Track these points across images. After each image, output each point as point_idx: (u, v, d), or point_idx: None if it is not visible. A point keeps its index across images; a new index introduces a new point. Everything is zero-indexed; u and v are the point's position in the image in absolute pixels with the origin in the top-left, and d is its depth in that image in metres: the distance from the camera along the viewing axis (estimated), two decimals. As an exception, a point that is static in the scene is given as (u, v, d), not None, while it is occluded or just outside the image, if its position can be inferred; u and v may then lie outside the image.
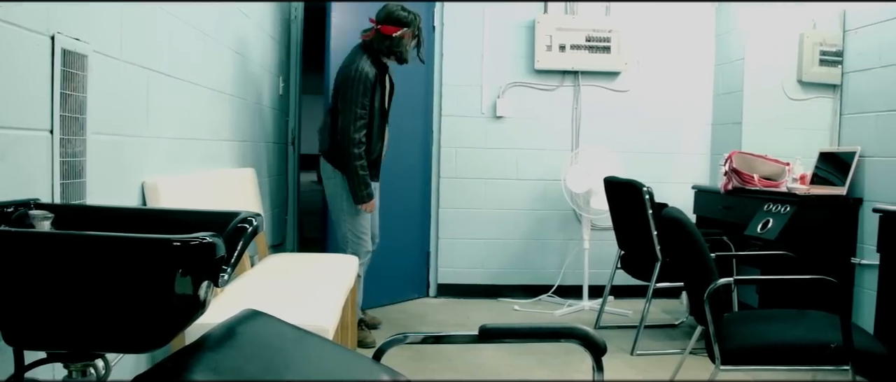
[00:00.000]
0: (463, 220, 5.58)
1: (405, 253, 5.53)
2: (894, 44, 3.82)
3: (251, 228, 1.60)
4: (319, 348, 1.67)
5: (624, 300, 5.34)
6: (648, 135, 5.70)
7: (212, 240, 1.33)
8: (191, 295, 1.39)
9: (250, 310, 1.66)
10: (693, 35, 5.74)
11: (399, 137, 5.47)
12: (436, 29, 5.48)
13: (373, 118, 4.09)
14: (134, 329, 1.38)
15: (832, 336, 2.56)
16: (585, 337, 1.59)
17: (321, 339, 1.73)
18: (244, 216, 1.64)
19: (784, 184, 4.40)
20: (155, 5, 2.69)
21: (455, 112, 5.52)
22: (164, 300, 1.34)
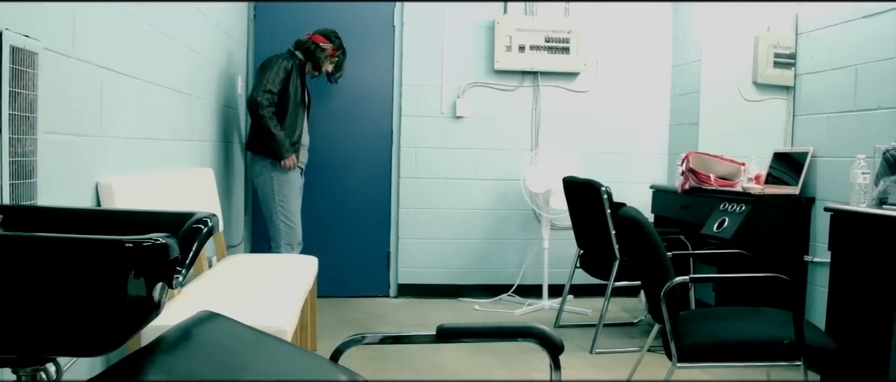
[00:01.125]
0: (423, 220, 5.58)
1: (365, 254, 5.53)
2: (844, 47, 3.90)
3: (206, 229, 1.58)
4: (276, 349, 1.65)
5: (583, 299, 5.39)
6: (607, 135, 5.75)
7: (165, 241, 1.31)
8: (144, 297, 1.37)
9: (206, 312, 1.65)
10: (651, 36, 5.80)
11: (359, 137, 5.48)
12: (396, 29, 5.47)
13: (288, 103, 4.43)
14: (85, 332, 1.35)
15: (785, 332, 2.60)
16: (542, 336, 1.60)
17: (278, 340, 1.71)
18: (199, 216, 1.62)
19: (740, 183, 4.47)
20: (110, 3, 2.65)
21: (415, 112, 5.51)
22: (116, 302, 1.32)
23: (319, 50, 4.59)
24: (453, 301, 5.52)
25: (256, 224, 5.37)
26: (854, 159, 3.38)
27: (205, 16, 4.06)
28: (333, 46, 4.64)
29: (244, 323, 1.67)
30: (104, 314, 1.32)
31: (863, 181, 3.29)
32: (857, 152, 3.43)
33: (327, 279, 4.59)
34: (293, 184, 4.54)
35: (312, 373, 1.57)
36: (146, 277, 1.34)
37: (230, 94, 4.76)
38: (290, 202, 4.51)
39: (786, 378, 3.46)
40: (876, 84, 3.65)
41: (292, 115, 4.46)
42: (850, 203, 3.32)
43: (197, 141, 3.93)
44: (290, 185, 4.51)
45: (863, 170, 3.30)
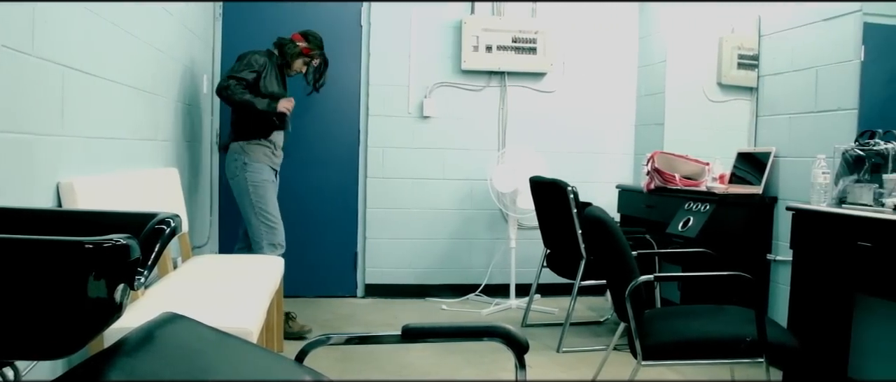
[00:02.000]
0: (390, 220, 5.57)
1: (332, 254, 5.51)
2: (805, 49, 3.96)
3: (169, 229, 1.57)
4: (241, 351, 1.64)
5: (550, 298, 5.41)
6: (574, 135, 5.79)
7: (126, 242, 1.29)
8: (105, 299, 1.35)
9: (170, 313, 1.63)
10: (617, 37, 5.84)
11: (326, 137, 5.45)
12: (363, 28, 5.45)
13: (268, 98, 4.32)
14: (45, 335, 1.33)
15: (748, 330, 2.63)
16: (507, 335, 1.60)
17: (243, 342, 1.70)
18: (162, 217, 1.60)
19: (704, 183, 4.51)
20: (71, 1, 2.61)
21: (382, 112, 5.50)
22: (76, 304, 1.30)
23: (292, 45, 4.46)
24: (421, 301, 5.51)
25: (223, 224, 5.33)
26: (815, 159, 3.43)
27: (169, 14, 4.02)
28: (309, 45, 4.50)
29: (208, 325, 1.66)
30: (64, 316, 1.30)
31: (823, 181, 3.35)
32: (817, 152, 3.49)
33: (294, 279, 4.56)
34: (268, 183, 4.41)
35: (277, 374, 1.56)
36: (107, 279, 1.32)
37: (195, 94, 4.71)
38: (268, 200, 4.38)
39: (750, 374, 3.51)
40: (836, 86, 3.71)
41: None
42: (811, 202, 3.37)
43: (161, 140, 3.89)
44: (265, 184, 4.38)
45: (823, 169, 3.36)
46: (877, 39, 3.59)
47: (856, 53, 3.59)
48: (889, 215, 2.86)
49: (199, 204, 4.92)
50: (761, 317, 2.60)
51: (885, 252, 2.83)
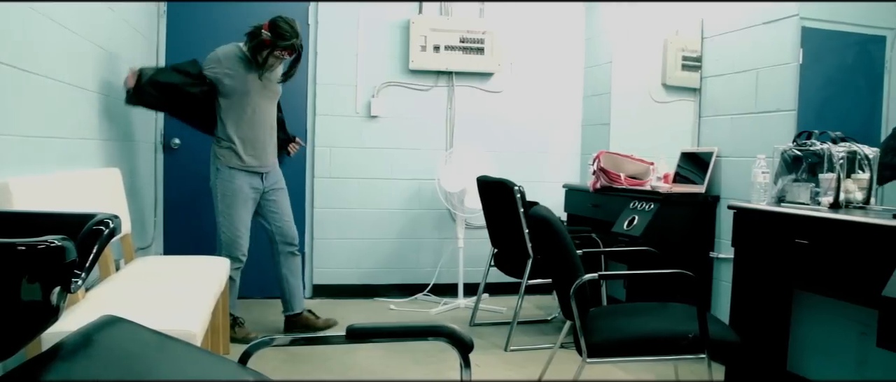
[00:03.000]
0: (338, 220, 5.54)
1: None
2: (746, 51, 4.04)
3: (107, 230, 1.53)
4: (183, 353, 1.61)
5: (498, 297, 5.44)
6: (521, 135, 5.82)
7: (61, 244, 1.26)
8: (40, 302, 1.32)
9: (109, 316, 1.60)
10: (564, 38, 5.90)
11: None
12: (310, 27, 5.41)
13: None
14: (-24, 339, 1.30)
15: (690, 326, 2.68)
16: (452, 335, 1.61)
17: (185, 344, 1.67)
18: (100, 218, 1.56)
19: (649, 182, 4.58)
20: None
21: (329, 111, 5.47)
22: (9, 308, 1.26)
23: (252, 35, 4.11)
24: (369, 301, 5.49)
25: (168, 225, 5.25)
26: (755, 159, 3.50)
27: (111, 10, 3.94)
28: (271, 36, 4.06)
29: (149, 327, 1.63)
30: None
31: (763, 180, 3.42)
32: (758, 152, 3.56)
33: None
34: (238, 189, 4.21)
35: (219, 376, 1.54)
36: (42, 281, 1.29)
37: (138, 92, 4.63)
38: (232, 209, 4.21)
39: (693, 370, 3.57)
40: (775, 88, 3.80)
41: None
42: (752, 201, 3.44)
43: (103, 139, 3.81)
44: (234, 190, 4.20)
45: (763, 169, 3.43)
46: (814, 43, 3.69)
47: (794, 56, 3.68)
48: (825, 213, 2.93)
49: (143, 204, 4.83)
50: (703, 314, 2.64)
51: (821, 249, 2.90)
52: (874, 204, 3.12)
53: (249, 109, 4.19)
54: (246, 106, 4.19)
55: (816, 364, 3.52)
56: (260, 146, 4.27)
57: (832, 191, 3.07)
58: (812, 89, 3.69)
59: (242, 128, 4.20)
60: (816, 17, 3.69)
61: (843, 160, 3.09)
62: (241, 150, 4.20)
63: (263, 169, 4.32)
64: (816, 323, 3.51)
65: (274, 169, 4.42)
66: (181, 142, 5.21)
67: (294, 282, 4.54)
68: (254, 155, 4.24)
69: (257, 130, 4.25)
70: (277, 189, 4.43)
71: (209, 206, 4.98)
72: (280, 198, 4.44)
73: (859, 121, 3.56)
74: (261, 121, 4.25)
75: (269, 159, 4.34)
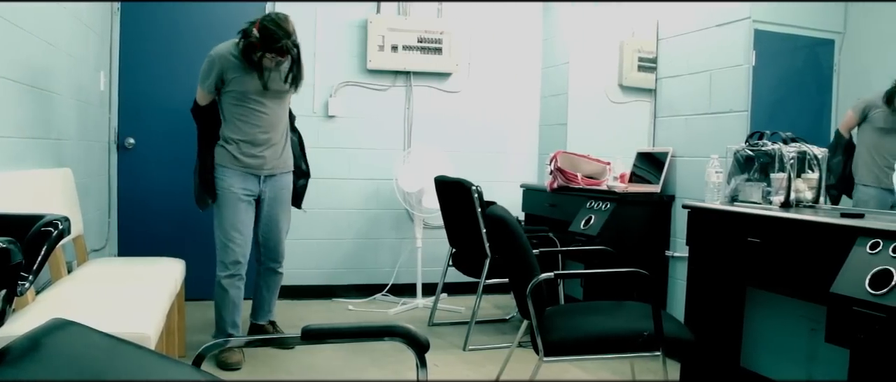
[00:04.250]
0: (296, 220, 5.46)
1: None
2: (700, 53, 4.10)
3: (56, 232, 1.51)
4: (135, 357, 1.59)
5: (457, 297, 5.45)
6: (479, 134, 5.84)
7: (6, 246, 1.24)
8: (-15, 306, 1.29)
9: (58, 320, 1.57)
10: (522, 39, 5.93)
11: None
12: (267, 26, 5.36)
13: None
14: (-81, 343, 1.27)
15: (645, 325, 2.71)
16: (407, 334, 1.61)
17: (137, 347, 1.65)
18: (49, 219, 1.53)
19: (605, 182, 4.62)
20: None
21: (287, 111, 5.42)
22: (-48, 311, 1.24)
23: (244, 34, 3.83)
24: (327, 301, 5.47)
25: (123, 226, 5.17)
26: (709, 159, 3.55)
27: (63, 7, 3.87)
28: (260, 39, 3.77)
29: (101, 331, 1.61)
30: (-61, 323, 1.24)
31: (716, 179, 3.47)
32: (711, 152, 3.61)
33: (198, 282, 4.45)
34: (226, 189, 3.92)
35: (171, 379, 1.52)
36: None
37: (92, 90, 4.55)
38: (222, 210, 3.93)
39: (650, 367, 3.62)
40: (728, 88, 3.86)
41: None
42: (705, 200, 3.49)
43: (53, 139, 3.74)
44: (222, 190, 3.92)
45: (716, 169, 3.48)
46: (766, 46, 3.76)
47: (746, 58, 3.74)
48: (776, 212, 2.99)
49: (97, 205, 4.75)
50: (657, 312, 2.67)
51: (773, 247, 2.96)
52: (823, 204, 3.19)
53: (247, 108, 3.91)
54: (244, 105, 3.90)
55: (768, 359, 3.59)
56: (259, 147, 3.96)
57: (783, 191, 3.13)
58: (764, 90, 3.75)
59: (238, 128, 3.92)
60: (768, 20, 3.76)
61: (793, 160, 3.15)
62: (234, 150, 3.92)
63: (261, 172, 4.00)
64: (768, 320, 3.58)
65: (278, 175, 4.10)
66: (136, 141, 5.14)
67: (267, 296, 4.27)
68: (251, 155, 3.94)
69: (255, 130, 3.94)
70: (274, 198, 4.10)
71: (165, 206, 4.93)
72: (274, 211, 4.11)
73: (809, 122, 3.63)
74: (260, 121, 3.94)
75: (269, 162, 4.01)
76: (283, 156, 4.12)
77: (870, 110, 3.13)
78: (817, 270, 2.67)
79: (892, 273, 2.31)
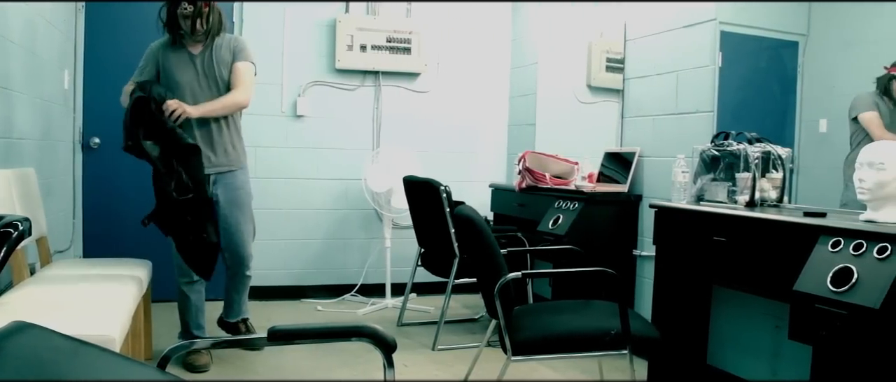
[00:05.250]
0: (264, 221, 5.45)
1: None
2: (667, 54, 4.14)
3: (16, 233, 1.49)
4: (98, 359, 1.57)
5: (426, 297, 5.45)
6: (448, 134, 5.85)
7: (-35, 247, 1.22)
8: (-55, 307, 1.27)
9: (18, 322, 1.54)
10: (491, 39, 5.94)
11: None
12: (234, 25, 5.33)
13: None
14: None
15: (613, 323, 2.72)
16: (374, 335, 1.61)
17: (101, 350, 1.62)
18: (8, 220, 1.51)
19: (573, 182, 4.65)
20: None
21: (254, 110, 5.32)
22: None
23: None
24: (296, 302, 5.44)
25: (87, 228, 5.10)
26: (675, 159, 3.59)
27: (27, 6, 3.81)
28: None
29: (63, 333, 1.58)
30: None
31: (682, 179, 3.50)
32: (678, 152, 3.65)
33: (165, 283, 4.40)
34: None
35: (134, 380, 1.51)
36: (-54, 286, 1.24)
37: (56, 89, 4.48)
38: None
39: (618, 366, 3.64)
40: (694, 89, 3.90)
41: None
42: (672, 200, 3.52)
43: (15, 139, 3.67)
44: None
45: (682, 169, 3.51)
46: (732, 47, 3.80)
47: (713, 59, 3.78)
48: (741, 211, 3.02)
49: (61, 206, 4.68)
50: (624, 311, 2.69)
51: (738, 246, 2.99)
52: (787, 203, 3.23)
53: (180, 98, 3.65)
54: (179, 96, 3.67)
55: (734, 357, 3.63)
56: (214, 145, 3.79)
57: (748, 190, 3.16)
58: (730, 91, 3.80)
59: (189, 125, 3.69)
60: (734, 21, 3.80)
61: (758, 160, 3.19)
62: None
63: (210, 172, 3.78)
64: (734, 318, 3.62)
65: (228, 174, 3.85)
66: (101, 141, 5.07)
67: (236, 297, 4.13)
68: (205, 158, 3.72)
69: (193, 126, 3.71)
70: (230, 201, 3.85)
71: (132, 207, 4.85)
72: (232, 216, 3.87)
73: (773, 122, 3.69)
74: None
75: (215, 159, 3.79)
76: (232, 151, 3.86)
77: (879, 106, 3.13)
78: (781, 268, 2.70)
79: (852, 271, 2.35)
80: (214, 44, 3.82)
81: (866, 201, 2.56)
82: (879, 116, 3.11)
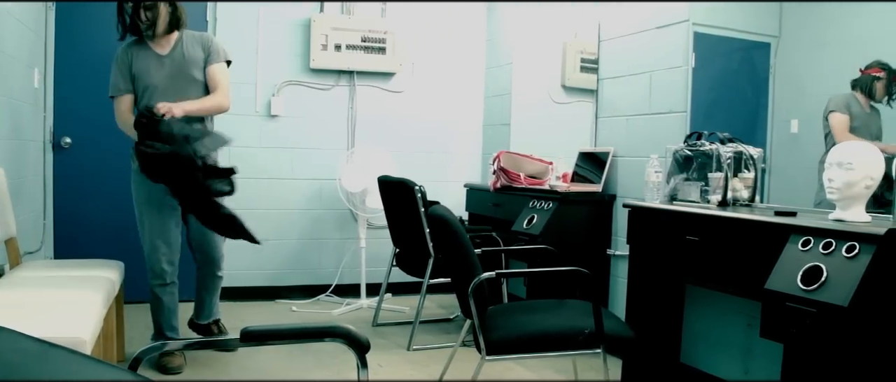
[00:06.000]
0: (238, 221, 5.43)
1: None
2: (640, 54, 4.16)
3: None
4: (67, 362, 1.54)
5: (401, 297, 5.44)
6: (423, 134, 5.85)
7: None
8: None
9: (-14, 324, 1.52)
10: (466, 39, 5.95)
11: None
12: (208, 24, 5.29)
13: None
14: None
15: (586, 322, 2.74)
16: (347, 335, 1.60)
17: (70, 352, 1.60)
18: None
19: (548, 181, 4.66)
20: None
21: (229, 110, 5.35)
22: None
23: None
24: (271, 303, 5.41)
25: (58, 228, 5.04)
26: (648, 159, 3.61)
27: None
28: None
29: (32, 336, 1.56)
30: None
31: (656, 179, 3.52)
32: (651, 152, 3.67)
33: (138, 284, 4.35)
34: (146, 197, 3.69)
35: (103, 381, 1.49)
36: None
37: (25, 88, 4.42)
38: (144, 218, 3.72)
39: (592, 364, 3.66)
40: (668, 90, 3.92)
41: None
42: (646, 199, 3.54)
43: (-16, 138, 3.63)
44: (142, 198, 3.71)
45: (656, 169, 3.53)
46: (704, 47, 3.83)
47: (686, 60, 3.81)
48: (713, 211, 3.05)
49: (31, 206, 4.62)
50: (598, 310, 2.70)
51: (711, 245, 3.02)
52: (759, 202, 3.26)
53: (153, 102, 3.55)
54: (150, 99, 3.62)
55: (707, 355, 3.66)
56: None
57: (720, 190, 3.19)
58: (702, 92, 3.83)
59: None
60: (707, 22, 3.83)
61: (730, 160, 3.22)
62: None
63: None
64: (707, 316, 3.65)
65: None
66: (73, 140, 5.02)
67: (207, 298, 4.11)
68: None
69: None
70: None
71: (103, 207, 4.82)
72: None
73: (745, 123, 3.72)
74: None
75: None
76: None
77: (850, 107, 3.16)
78: (753, 267, 2.72)
79: (822, 269, 2.38)
80: (183, 42, 3.76)
81: (835, 200, 2.59)
82: (848, 119, 3.15)
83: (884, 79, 2.95)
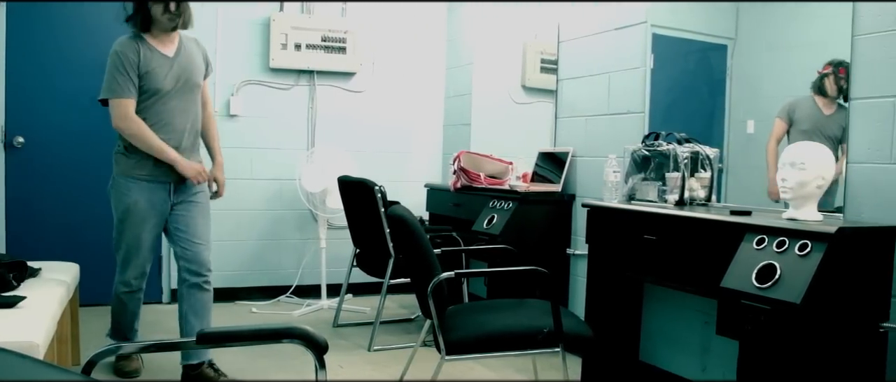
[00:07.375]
0: (196, 222, 5.37)
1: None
2: (599, 55, 4.19)
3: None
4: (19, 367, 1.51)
5: (362, 297, 5.43)
6: (383, 134, 5.84)
7: None
8: None
9: (-67, 328, 1.49)
10: (426, 39, 5.95)
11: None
12: (165, 22, 5.22)
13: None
14: None
15: (546, 321, 2.75)
16: (305, 336, 1.59)
17: (21, 357, 1.57)
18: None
19: (508, 181, 4.68)
20: None
21: (187, 110, 5.30)
22: None
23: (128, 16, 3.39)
24: (230, 304, 5.36)
25: (11, 230, 4.94)
26: (607, 158, 3.64)
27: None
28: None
29: (-19, 339, 1.54)
30: None
31: (614, 179, 3.55)
32: (609, 152, 3.70)
33: (94, 286, 4.29)
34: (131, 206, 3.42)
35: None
36: None
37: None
38: (124, 226, 3.45)
39: (553, 363, 3.68)
40: (626, 90, 3.96)
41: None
42: (604, 199, 3.57)
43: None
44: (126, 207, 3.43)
45: (614, 168, 3.56)
46: (663, 49, 3.88)
47: (644, 61, 3.85)
48: (671, 210, 3.08)
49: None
50: (556, 309, 2.72)
51: (668, 244, 3.05)
52: (715, 202, 3.30)
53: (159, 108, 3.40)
54: (155, 104, 3.39)
55: (666, 353, 3.70)
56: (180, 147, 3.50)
57: (677, 190, 3.23)
58: (660, 92, 3.87)
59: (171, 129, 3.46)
60: (665, 24, 3.87)
61: (687, 160, 3.25)
62: (140, 158, 3.42)
63: (172, 179, 3.50)
64: (665, 315, 3.69)
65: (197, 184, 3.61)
66: (25, 139, 4.92)
67: (196, 324, 3.55)
68: (160, 164, 3.43)
69: (169, 133, 3.43)
70: (189, 202, 3.58)
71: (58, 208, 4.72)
72: (190, 214, 3.57)
73: (702, 124, 3.76)
74: (172, 122, 3.44)
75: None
76: (195, 157, 3.64)
77: (794, 113, 3.21)
78: (709, 265, 2.76)
79: (775, 267, 2.42)
80: (184, 44, 3.54)
81: (788, 200, 2.64)
82: (786, 126, 3.21)
83: (831, 74, 3.00)
